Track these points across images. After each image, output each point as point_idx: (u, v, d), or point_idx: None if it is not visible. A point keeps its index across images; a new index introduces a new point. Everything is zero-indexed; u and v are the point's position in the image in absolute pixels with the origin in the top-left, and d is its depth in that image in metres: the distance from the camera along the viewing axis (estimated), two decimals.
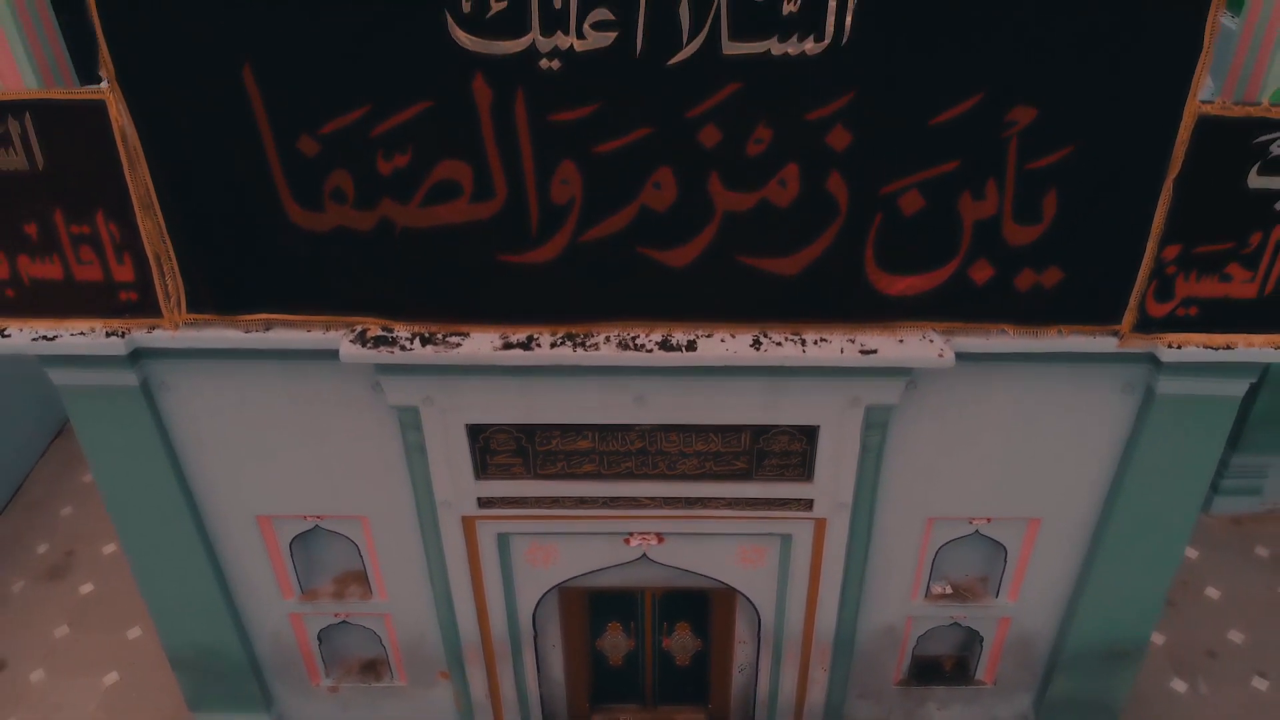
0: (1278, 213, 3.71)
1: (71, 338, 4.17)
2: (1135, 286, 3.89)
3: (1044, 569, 5.20)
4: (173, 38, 3.49)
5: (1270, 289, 3.90)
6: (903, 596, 5.40)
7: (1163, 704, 7.09)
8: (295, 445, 4.72)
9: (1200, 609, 7.82)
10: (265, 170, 3.73)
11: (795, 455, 4.62)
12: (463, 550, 5.02)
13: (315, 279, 4.02)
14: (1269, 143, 3.54)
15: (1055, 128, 3.54)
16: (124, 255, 3.99)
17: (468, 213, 3.81)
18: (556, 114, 3.57)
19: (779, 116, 3.55)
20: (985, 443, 4.65)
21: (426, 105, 3.57)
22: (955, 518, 5.01)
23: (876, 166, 3.65)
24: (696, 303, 4.03)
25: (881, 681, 5.92)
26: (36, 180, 3.84)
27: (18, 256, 4.04)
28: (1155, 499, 4.70)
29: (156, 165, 3.76)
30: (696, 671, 6.30)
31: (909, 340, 4.05)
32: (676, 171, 3.69)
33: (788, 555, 5.06)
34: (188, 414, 4.60)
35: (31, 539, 8.82)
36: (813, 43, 3.38)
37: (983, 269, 3.86)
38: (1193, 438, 4.48)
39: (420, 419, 4.46)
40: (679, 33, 3.38)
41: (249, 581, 5.37)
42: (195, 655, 5.64)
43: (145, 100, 3.63)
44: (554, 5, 3.34)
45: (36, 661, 7.73)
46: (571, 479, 4.73)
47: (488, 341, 4.09)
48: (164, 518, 4.92)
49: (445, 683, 5.95)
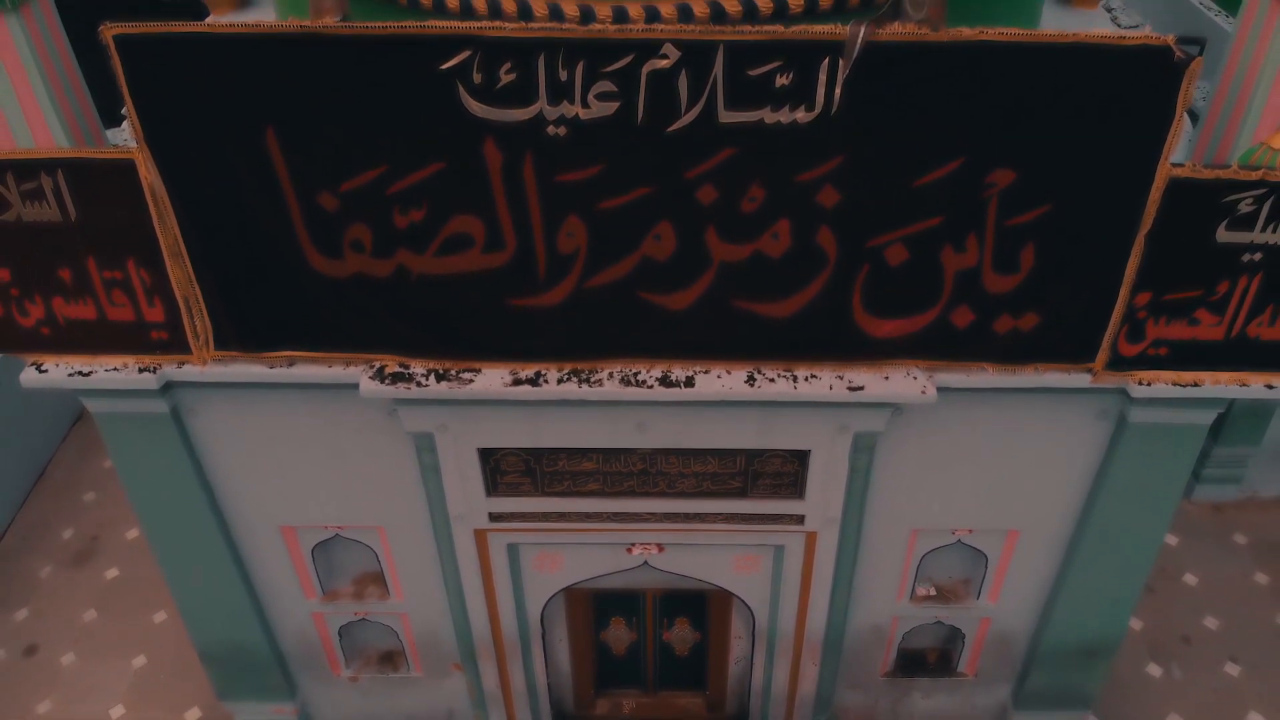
0: (1244, 264, 3.94)
1: (105, 373, 4.43)
2: (1108, 330, 4.13)
3: (1022, 575, 5.52)
4: (197, 105, 3.69)
5: (1237, 332, 4.13)
6: (889, 598, 5.73)
7: (1138, 688, 7.48)
8: (316, 464, 5.01)
9: (1178, 595, 8.17)
10: (287, 223, 3.96)
11: (787, 475, 4.91)
12: (475, 559, 5.33)
13: (336, 320, 4.27)
14: (1236, 201, 3.75)
15: (1033, 189, 3.75)
16: (154, 298, 4.24)
17: (479, 262, 4.04)
18: (563, 175, 3.79)
19: (772, 178, 3.77)
20: (967, 463, 4.93)
21: (440, 167, 3.78)
22: (938, 529, 5.31)
23: (864, 222, 3.87)
24: (694, 342, 4.28)
25: (869, 673, 6.28)
26: (69, 230, 4.07)
27: (52, 299, 4.28)
28: (1126, 516, 5.00)
29: (184, 218, 3.99)
30: (695, 661, 6.67)
31: (894, 377, 4.31)
32: (675, 225, 3.92)
33: (780, 564, 5.37)
34: (215, 437, 4.89)
35: (57, 524, 9.18)
36: (804, 112, 3.58)
37: (963, 314, 4.10)
38: (1162, 462, 4.76)
39: (435, 443, 4.74)
40: (678, 103, 3.58)
41: (274, 584, 5.70)
42: (224, 651, 6.00)
43: (172, 160, 3.84)
44: (560, 78, 3.53)
45: (67, 645, 8.13)
46: (577, 496, 5.03)
47: (498, 377, 4.35)
48: (193, 530, 5.23)
49: (458, 674, 6.32)
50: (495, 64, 3.50)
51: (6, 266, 4.20)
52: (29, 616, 8.35)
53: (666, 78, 3.52)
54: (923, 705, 6.52)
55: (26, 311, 4.33)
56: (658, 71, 3.50)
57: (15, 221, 4.05)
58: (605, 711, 7.03)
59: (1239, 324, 4.11)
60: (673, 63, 3.47)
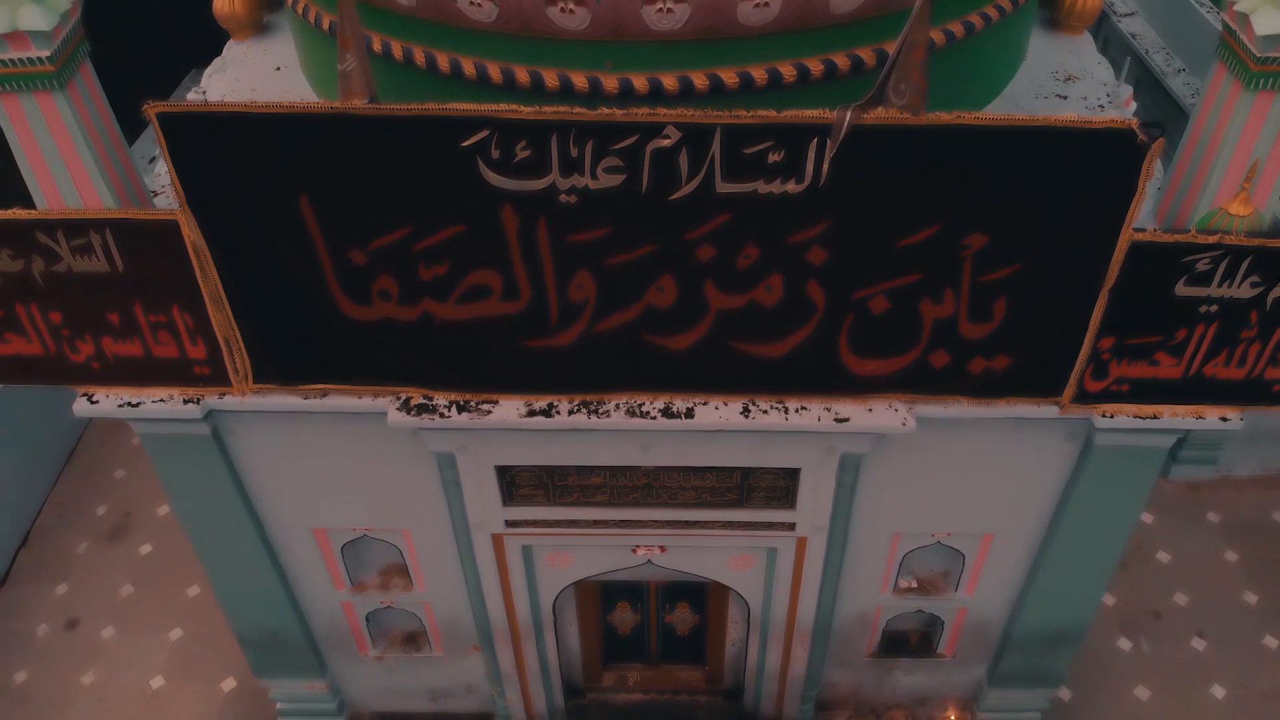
0: (1202, 314, 4.27)
1: (153, 404, 4.82)
2: (1074, 369, 4.49)
3: (996, 572, 5.98)
4: (235, 174, 4.00)
5: (1194, 371, 4.49)
6: (873, 591, 6.20)
7: (1108, 660, 8.02)
8: (346, 476, 5.43)
9: (1150, 571, 8.67)
10: (320, 276, 4.30)
11: (780, 489, 5.32)
12: (492, 559, 5.79)
13: (365, 357, 4.63)
14: (1194, 261, 4.07)
15: (1005, 250, 4.07)
16: (197, 338, 4.60)
17: (497, 309, 4.39)
18: (573, 236, 4.11)
19: (765, 239, 4.09)
20: (945, 476, 5.34)
21: (461, 229, 4.11)
22: (919, 533, 5.75)
23: (849, 277, 4.21)
24: (694, 377, 4.65)
25: (855, 654, 6.80)
26: (117, 279, 4.41)
27: (101, 338, 4.64)
28: (1091, 524, 5.42)
29: (225, 270, 4.32)
30: (694, 640, 7.19)
31: (877, 409, 4.69)
32: (677, 278, 4.25)
33: (773, 564, 5.83)
34: (253, 454, 5.30)
35: (90, 502, 9.66)
36: (794, 184, 3.89)
37: (941, 356, 4.45)
38: (1125, 479, 5.17)
39: (456, 462, 5.15)
40: (679, 175, 3.88)
41: (306, 578, 6.18)
42: (261, 636, 6.51)
43: (213, 221, 4.16)
44: (571, 154, 3.84)
45: (106, 619, 8.67)
46: (586, 506, 5.46)
47: (514, 408, 4.74)
48: (233, 533, 5.68)
49: (477, 654, 6.84)
50: (511, 142, 3.81)
51: (58, 310, 4.55)
52: (68, 591, 8.88)
53: (669, 154, 3.82)
54: (905, 682, 7.06)
55: (77, 349, 4.70)
56: (661, 149, 3.81)
57: (66, 272, 4.39)
58: (612, 683, 7.58)
59: (1196, 365, 4.47)
60: (674, 142, 3.78)
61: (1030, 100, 5.24)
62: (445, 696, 7.36)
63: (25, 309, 4.55)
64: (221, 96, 5.45)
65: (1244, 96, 3.78)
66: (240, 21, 5.86)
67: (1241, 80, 3.76)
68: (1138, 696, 7.77)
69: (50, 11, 3.66)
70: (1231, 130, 3.89)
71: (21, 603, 8.78)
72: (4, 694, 8.11)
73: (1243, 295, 4.18)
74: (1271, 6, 3.51)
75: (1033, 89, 5.33)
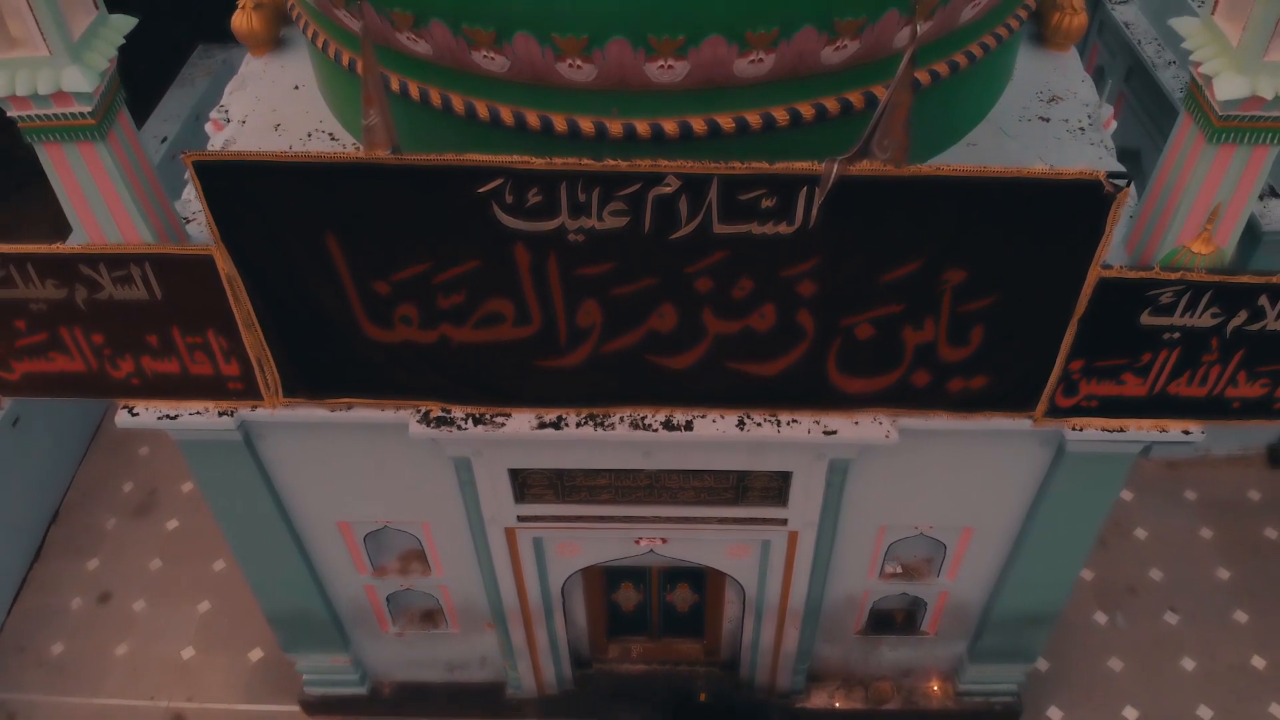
0: (1165, 340, 4.59)
1: (189, 416, 5.19)
2: (1046, 388, 4.83)
3: (975, 560, 6.40)
4: (266, 215, 4.31)
5: (1158, 390, 4.82)
6: (861, 576, 6.63)
7: (1084, 633, 8.49)
8: (368, 475, 5.81)
9: (1127, 547, 9.10)
10: (346, 303, 4.63)
11: (773, 488, 5.71)
12: (505, 549, 6.21)
13: (387, 374, 4.97)
14: (1158, 294, 4.39)
15: (981, 284, 4.38)
16: (231, 358, 4.94)
17: (510, 334, 4.72)
18: (581, 269, 4.42)
19: (758, 273, 4.40)
20: (928, 476, 5.72)
21: (477, 264, 4.42)
22: (903, 526, 6.15)
23: (837, 307, 4.53)
24: (693, 393, 5.00)
25: (844, 631, 7.26)
26: (155, 306, 4.73)
27: (141, 357, 4.98)
28: (1063, 520, 5.82)
29: (256, 299, 4.65)
30: (694, 617, 7.66)
31: (863, 422, 5.05)
32: (677, 306, 4.57)
33: (767, 554, 6.24)
34: (282, 457, 5.68)
35: (117, 478, 10.09)
36: (785, 225, 4.19)
37: (922, 376, 4.79)
38: (1095, 480, 5.54)
39: (471, 465, 5.53)
40: (678, 218, 4.18)
41: (331, 564, 6.61)
42: (289, 616, 6.97)
43: (245, 255, 4.47)
44: (579, 199, 4.13)
45: (137, 592, 9.14)
46: (592, 503, 5.86)
47: (525, 421, 5.09)
48: (264, 527, 6.09)
49: (490, 631, 7.31)
50: (524, 188, 4.10)
51: (100, 332, 4.89)
52: (100, 566, 9.35)
53: (669, 199, 4.12)
54: (891, 656, 7.54)
55: (118, 366, 5.04)
56: (662, 195, 4.10)
57: (107, 299, 4.71)
58: (616, 655, 8.07)
59: (1160, 384, 4.81)
60: (675, 190, 4.07)
61: (1014, 122, 5.49)
62: (460, 668, 7.85)
63: (69, 331, 4.88)
64: (244, 116, 5.70)
65: (1206, 148, 4.06)
66: (258, 38, 6.08)
67: (1205, 133, 4.03)
68: (1111, 668, 8.26)
69: (91, 72, 3.93)
70: (1195, 177, 4.17)
71: (55, 577, 9.26)
72: (42, 665, 8.61)
73: (1204, 324, 4.50)
74: (1233, 71, 3.77)
75: (1017, 110, 5.58)
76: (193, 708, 8.29)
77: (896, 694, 7.78)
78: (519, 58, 4.15)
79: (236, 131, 5.60)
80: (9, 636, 8.83)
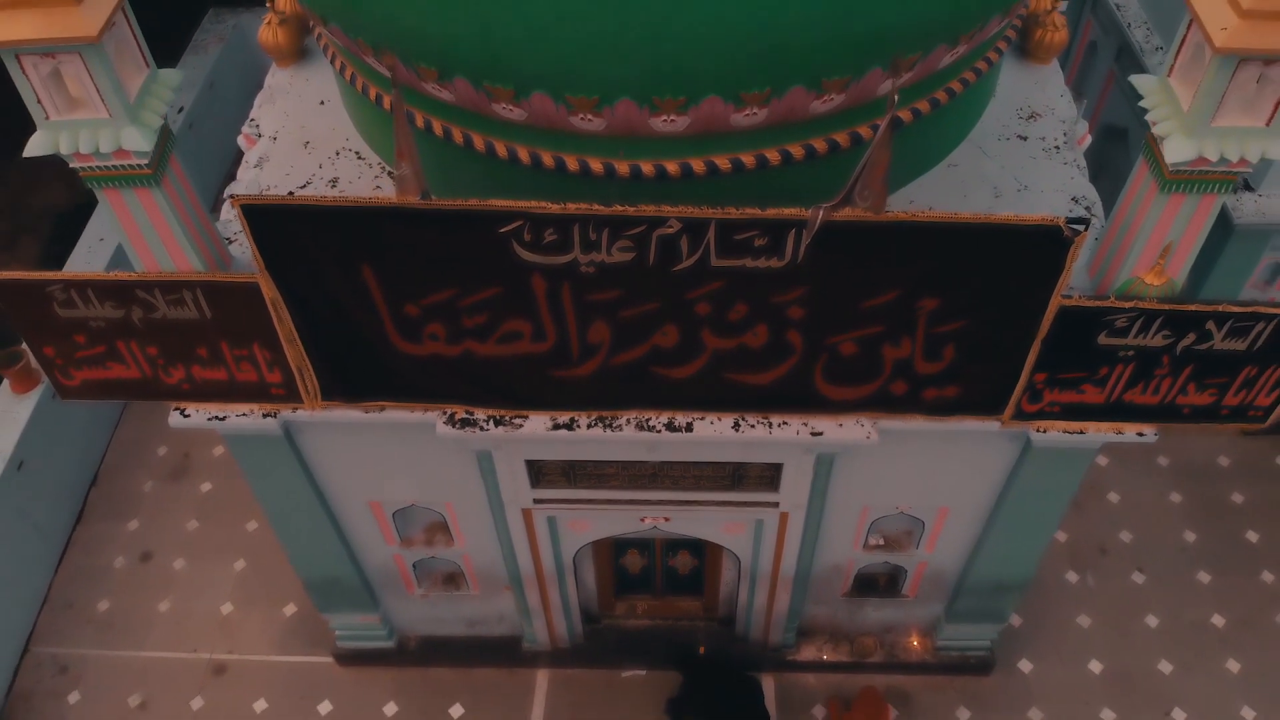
0: (1120, 357, 5.07)
1: (236, 418, 5.72)
2: (1013, 396, 5.33)
3: (951, 535, 7.00)
4: (307, 249, 4.77)
5: (1115, 398, 5.32)
6: (846, 548, 7.24)
7: (1056, 591, 9.14)
8: (397, 465, 6.38)
9: (1100, 510, 9.70)
10: (379, 323, 5.11)
11: (766, 477, 6.27)
12: (522, 526, 6.81)
13: (416, 381, 5.49)
14: (1114, 320, 4.86)
15: (953, 310, 4.85)
16: (274, 368, 5.44)
17: (528, 349, 5.21)
18: (592, 295, 4.89)
19: (751, 299, 4.86)
20: (906, 466, 6.26)
21: (498, 290, 4.90)
22: (885, 506, 6.73)
23: (822, 328, 5.00)
24: (693, 399, 5.51)
25: (831, 594, 7.92)
26: (205, 324, 5.22)
27: (191, 366, 5.48)
28: (1030, 503, 6.39)
29: (298, 318, 5.13)
30: (694, 578, 8.31)
31: (846, 425, 5.57)
32: (678, 326, 5.06)
33: (760, 531, 6.85)
34: (319, 449, 6.24)
35: (151, 443, 10.67)
36: (776, 260, 4.64)
37: (899, 386, 5.30)
38: (1059, 471, 6.09)
39: (492, 457, 6.09)
40: (680, 253, 4.64)
41: (363, 537, 7.23)
42: (324, 581, 7.63)
43: (288, 283, 4.95)
44: (590, 238, 4.58)
45: (176, 552, 9.79)
46: (601, 488, 6.43)
47: (541, 423, 5.63)
48: (302, 507, 6.68)
49: (508, 593, 7.97)
50: (541, 229, 4.55)
51: (154, 345, 5.38)
52: (139, 527, 9.99)
53: (672, 238, 4.57)
54: (874, 615, 8.21)
55: (170, 374, 5.55)
56: (665, 235, 4.55)
57: (161, 318, 5.20)
58: (623, 611, 8.77)
59: (1117, 393, 5.30)
60: (676, 231, 4.52)
61: (993, 141, 5.88)
62: (479, 624, 8.55)
63: (125, 344, 5.37)
64: (274, 132, 6.09)
65: (1159, 196, 4.48)
66: (283, 51, 6.43)
67: (1158, 183, 4.45)
68: (1080, 624, 8.93)
69: (148, 130, 4.34)
70: (1149, 219, 4.60)
71: (97, 538, 9.90)
72: (91, 621, 9.31)
73: (1156, 344, 4.98)
74: (1182, 135, 4.17)
75: (997, 128, 5.96)
76: (233, 659, 9.02)
77: (879, 648, 8.48)
78: (535, 110, 4.55)
79: (269, 148, 6.01)
80: (57, 594, 9.50)
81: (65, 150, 4.33)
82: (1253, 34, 3.74)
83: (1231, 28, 3.75)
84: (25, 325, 5.25)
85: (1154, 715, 8.43)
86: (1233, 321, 4.82)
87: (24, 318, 5.20)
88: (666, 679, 8.36)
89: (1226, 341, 4.94)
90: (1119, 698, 8.52)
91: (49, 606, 9.43)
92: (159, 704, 8.75)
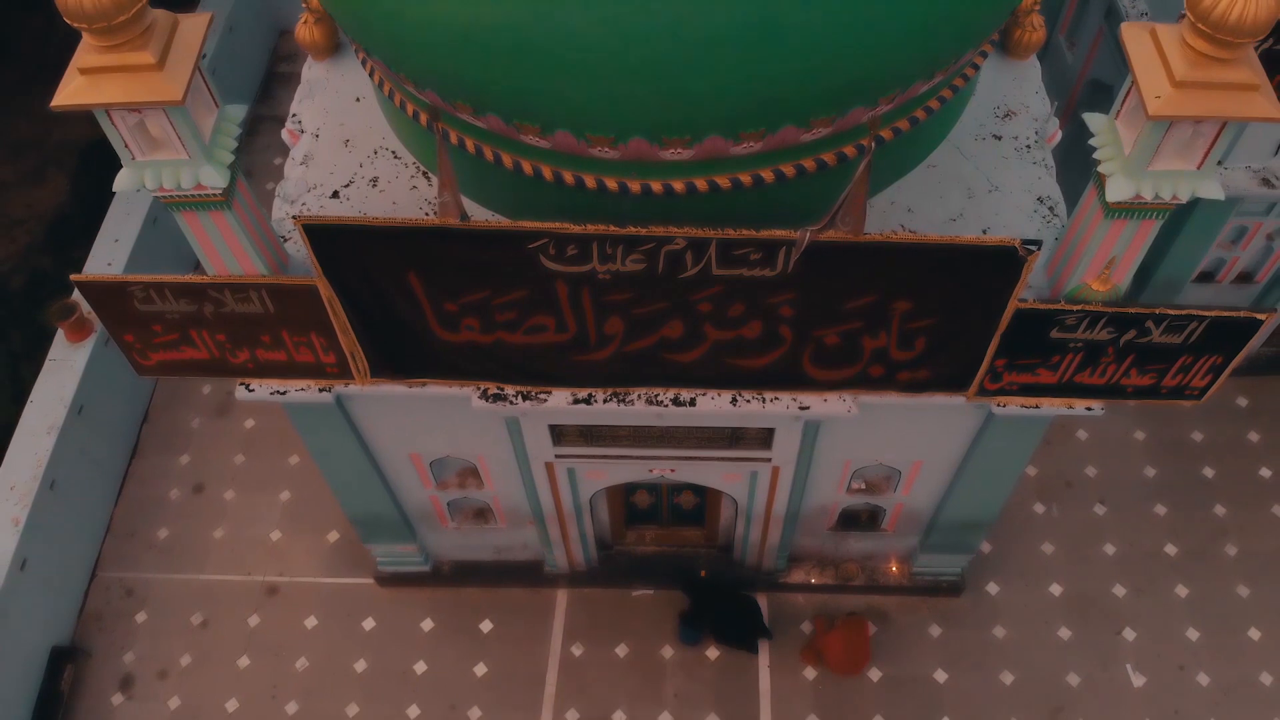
0: (1070, 348, 5.80)
1: (296, 393, 6.52)
2: (976, 377, 6.09)
3: (924, 482, 7.88)
4: (361, 258, 5.46)
5: (1066, 380, 6.08)
6: (831, 492, 8.15)
7: (1024, 521, 10.07)
8: (435, 425, 7.22)
9: (1069, 447, 10.54)
10: (422, 317, 5.85)
11: (760, 437, 7.11)
12: (545, 476, 7.70)
13: (454, 362, 6.26)
14: (1064, 319, 5.57)
15: (923, 310, 5.56)
16: (329, 351, 6.21)
17: (552, 338, 5.96)
18: (608, 297, 5.61)
19: (747, 300, 5.58)
20: (885, 427, 7.08)
21: (525, 293, 5.61)
22: (866, 459, 7.59)
23: (809, 323, 5.73)
24: (696, 378, 6.28)
25: (818, 528, 8.87)
26: (268, 316, 5.96)
27: (255, 350, 6.25)
28: (992, 460, 7.24)
29: (351, 313, 5.87)
30: (696, 512, 9.27)
31: (830, 400, 6.36)
32: (683, 321, 5.78)
33: (755, 480, 7.73)
34: (367, 413, 7.07)
35: (196, 382, 11.41)
36: (769, 270, 5.33)
37: (877, 369, 6.05)
38: (1018, 436, 6.91)
39: (520, 423, 6.92)
40: (685, 264, 5.33)
41: (403, 482, 8.14)
42: (368, 517, 8.60)
43: (343, 284, 5.66)
44: (607, 252, 5.27)
45: (226, 484, 10.73)
46: (615, 446, 7.28)
47: (563, 398, 6.42)
48: (351, 459, 7.56)
49: (531, 527, 8.93)
50: (564, 245, 5.24)
51: (223, 333, 6.14)
52: (190, 461, 10.90)
53: (678, 252, 5.26)
54: (856, 545, 9.19)
55: (236, 356, 6.32)
56: (672, 250, 5.24)
57: (229, 313, 5.94)
58: (633, 540, 9.76)
59: (1068, 375, 6.06)
60: (682, 247, 5.20)
61: (970, 140, 6.45)
62: (506, 550, 9.56)
63: (197, 332, 6.13)
64: (316, 129, 6.67)
65: (1104, 220, 5.12)
66: (319, 47, 6.93)
67: (1103, 210, 5.08)
68: (1044, 551, 9.89)
69: (221, 167, 4.97)
70: (1096, 237, 5.25)
71: (153, 471, 10.82)
72: (152, 548, 10.30)
73: (1102, 338, 5.70)
74: (1122, 175, 4.78)
75: (974, 127, 6.51)
76: (284, 581, 10.07)
77: (861, 573, 9.49)
78: (558, 142, 5.17)
79: (312, 146, 6.61)
80: (119, 523, 10.48)
81: (150, 187, 4.97)
82: (1184, 102, 4.29)
83: (1165, 96, 4.30)
84: (108, 316, 5.99)
85: (1107, 634, 9.45)
86: (1169, 321, 5.54)
87: (107, 311, 5.94)
88: (672, 597, 9.40)
89: (1164, 336, 5.66)
90: (1076, 618, 9.53)
91: (112, 535, 10.40)
92: (220, 622, 9.83)
